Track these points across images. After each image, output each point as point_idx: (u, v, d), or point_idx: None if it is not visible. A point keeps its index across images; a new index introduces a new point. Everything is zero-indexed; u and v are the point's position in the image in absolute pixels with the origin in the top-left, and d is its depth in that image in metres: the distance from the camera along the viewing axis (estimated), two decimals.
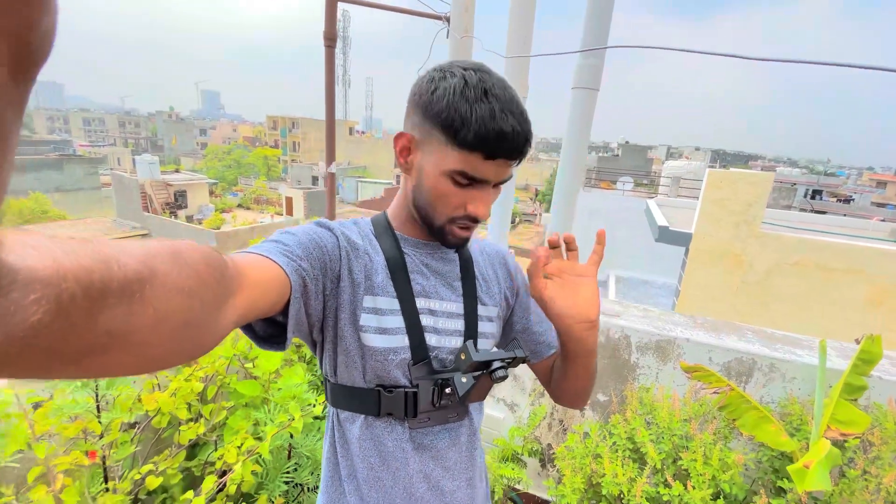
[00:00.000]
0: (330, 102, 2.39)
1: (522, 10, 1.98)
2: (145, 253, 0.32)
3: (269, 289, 0.54)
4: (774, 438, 1.47)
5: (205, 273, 0.37)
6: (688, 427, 1.66)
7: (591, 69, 1.87)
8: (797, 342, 1.90)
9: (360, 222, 0.79)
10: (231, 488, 1.18)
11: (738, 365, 1.83)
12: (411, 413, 0.73)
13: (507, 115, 0.63)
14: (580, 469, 1.75)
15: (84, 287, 0.26)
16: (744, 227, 6.44)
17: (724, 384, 1.54)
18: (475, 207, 0.69)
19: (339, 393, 0.74)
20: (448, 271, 0.79)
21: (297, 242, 0.64)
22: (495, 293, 0.84)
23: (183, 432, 1.35)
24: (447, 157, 0.66)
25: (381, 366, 0.71)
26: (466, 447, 0.81)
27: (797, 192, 27.91)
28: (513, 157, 0.67)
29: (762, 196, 6.35)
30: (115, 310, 0.29)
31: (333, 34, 2.29)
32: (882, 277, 5.92)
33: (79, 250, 0.27)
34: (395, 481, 0.74)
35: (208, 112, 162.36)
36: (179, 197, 25.21)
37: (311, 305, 0.65)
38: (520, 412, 2.34)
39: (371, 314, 0.70)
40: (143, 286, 0.30)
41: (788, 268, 6.35)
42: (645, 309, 2.20)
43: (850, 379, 1.52)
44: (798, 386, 1.76)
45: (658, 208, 8.99)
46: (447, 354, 0.75)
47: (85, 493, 1.12)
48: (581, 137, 1.98)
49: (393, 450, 0.73)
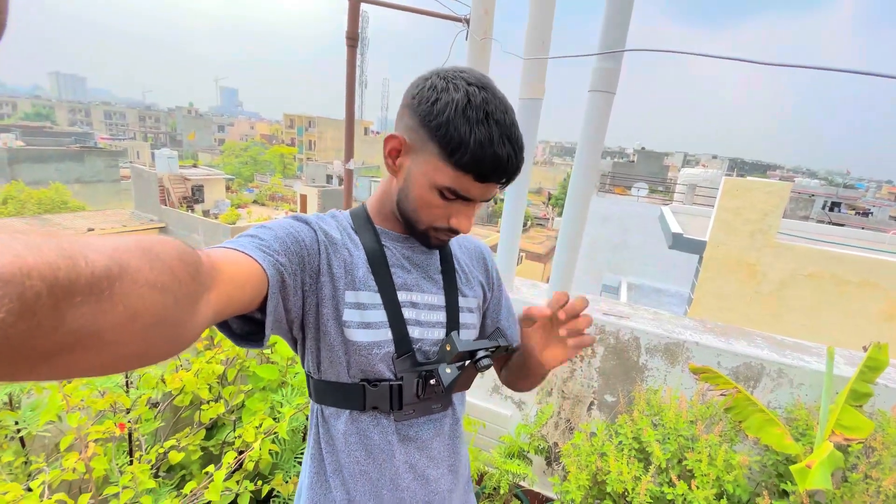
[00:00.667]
0: (350, 101, 2.46)
1: (542, 13, 2.02)
2: (114, 248, 0.31)
3: (245, 285, 0.53)
4: (779, 441, 1.49)
5: (178, 269, 0.36)
6: (694, 428, 1.68)
7: (608, 73, 1.90)
8: (806, 349, 1.91)
9: (339, 216, 0.79)
10: (249, 465, 1.24)
11: (747, 370, 1.84)
12: (396, 406, 0.74)
13: (504, 143, 0.64)
14: (585, 466, 1.78)
15: (49, 284, 0.25)
16: (759, 237, 6.38)
17: (732, 386, 1.56)
18: (458, 222, 0.70)
19: (323, 389, 0.74)
20: (429, 264, 0.80)
21: (274, 237, 0.63)
22: (474, 285, 0.86)
23: (204, 411, 1.41)
24: (439, 172, 0.67)
25: (365, 360, 0.71)
26: (449, 436, 0.83)
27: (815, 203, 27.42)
28: (503, 181, 0.68)
29: (778, 206, 6.28)
30: (83, 308, 0.28)
31: (356, 34, 2.35)
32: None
33: (43, 246, 0.26)
34: (381, 473, 0.75)
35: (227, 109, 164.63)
36: (196, 191, 25.60)
37: (289, 301, 0.64)
38: (527, 410, 2.37)
39: (353, 309, 0.70)
40: (113, 283, 0.29)
41: (803, 279, 6.27)
42: (655, 312, 2.22)
43: (856, 385, 1.53)
44: (805, 392, 1.76)
45: (672, 215, 8.93)
46: (430, 346, 0.76)
47: (113, 463, 1.18)
48: (596, 141, 2.01)
49: (379, 442, 0.74)
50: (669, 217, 8.59)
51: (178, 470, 1.54)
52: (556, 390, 2.27)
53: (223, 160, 43.27)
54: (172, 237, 0.40)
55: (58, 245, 0.27)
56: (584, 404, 2.24)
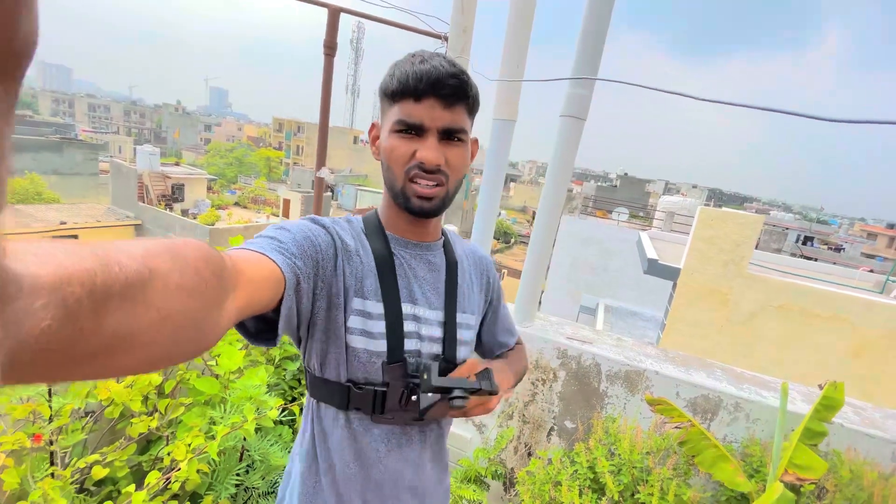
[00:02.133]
0: (324, 109, 2.42)
1: (517, 35, 2.03)
2: (145, 253, 0.32)
3: (265, 286, 0.54)
4: (731, 478, 1.47)
5: (204, 271, 0.37)
6: (648, 460, 1.65)
7: (580, 99, 1.91)
8: (765, 383, 1.91)
9: (353, 220, 0.81)
10: (175, 486, 1.16)
11: (705, 402, 1.83)
12: (378, 409, 0.75)
13: (429, 60, 0.67)
14: (539, 496, 1.73)
15: (89, 290, 0.26)
16: (731, 267, 6.50)
17: (686, 420, 1.54)
18: (421, 154, 0.70)
19: (316, 384, 0.76)
20: (434, 276, 0.81)
21: (292, 239, 0.64)
22: (476, 301, 0.87)
23: (134, 425, 1.33)
24: (388, 116, 0.72)
25: (362, 366, 0.73)
26: (433, 446, 0.85)
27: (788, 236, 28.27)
28: (443, 97, 0.68)
29: (751, 237, 6.42)
30: (119, 311, 0.29)
31: (333, 43, 2.33)
32: (865, 327, 5.97)
33: (80, 253, 0.27)
34: (367, 478, 0.77)
35: (215, 109, 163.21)
36: (177, 190, 25.13)
37: (302, 303, 0.65)
38: (487, 433, 2.32)
39: (359, 316, 0.72)
40: (145, 287, 0.31)
41: (773, 310, 6.39)
42: (618, 338, 2.20)
43: (811, 424, 1.53)
44: (762, 427, 1.76)
45: (650, 241, 9.06)
46: (428, 360, 0.77)
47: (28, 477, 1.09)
48: (566, 164, 2.01)
49: (366, 449, 0.76)
50: (646, 242, 8.72)
51: (108, 484, 1.44)
52: (517, 414, 2.22)
53: (208, 160, 42.70)
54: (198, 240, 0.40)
55: (92, 252, 0.28)
56: (545, 429, 2.20)
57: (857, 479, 1.45)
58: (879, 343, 5.94)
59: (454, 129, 0.71)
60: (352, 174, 40.92)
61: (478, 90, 0.75)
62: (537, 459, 1.93)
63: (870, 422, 1.69)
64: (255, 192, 32.05)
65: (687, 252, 6.71)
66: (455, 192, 0.76)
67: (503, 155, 2.17)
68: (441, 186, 0.73)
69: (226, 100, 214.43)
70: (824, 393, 1.57)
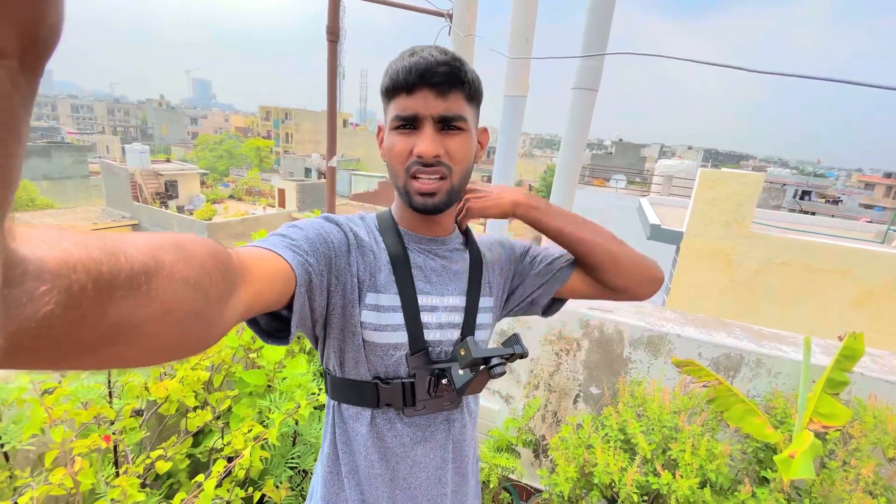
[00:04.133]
0: (332, 97, 2.41)
1: (524, 10, 2.02)
2: (151, 245, 0.32)
3: (274, 283, 0.54)
4: (759, 430, 1.54)
5: (210, 266, 0.38)
6: (677, 419, 1.72)
7: (591, 70, 1.91)
8: (784, 339, 1.98)
9: (367, 217, 0.81)
10: (239, 473, 1.22)
11: (727, 360, 1.90)
12: (409, 402, 0.75)
13: (419, 52, 0.67)
14: (573, 459, 1.81)
15: (94, 278, 0.27)
16: (734, 227, 6.53)
17: (713, 378, 1.61)
18: (418, 148, 0.69)
19: (339, 386, 0.76)
20: (451, 267, 0.80)
21: (304, 237, 0.64)
22: (494, 285, 0.86)
23: (191, 419, 1.39)
24: (388, 116, 0.72)
25: (381, 360, 0.73)
26: (460, 435, 0.83)
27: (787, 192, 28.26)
28: (435, 85, 0.66)
29: (752, 196, 6.44)
30: (124, 302, 0.29)
31: (336, 28, 2.31)
32: (867, 278, 6.05)
33: (87, 242, 0.27)
34: (394, 475, 0.76)
35: (200, 101, 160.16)
36: (170, 187, 24.93)
37: (315, 301, 0.65)
38: (514, 404, 2.40)
39: (372, 311, 0.71)
40: (150, 278, 0.31)
41: (776, 267, 6.46)
42: (638, 305, 2.26)
43: (833, 374, 1.60)
44: (783, 381, 1.83)
45: (650, 206, 9.08)
46: (448, 347, 0.77)
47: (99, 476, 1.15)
48: (580, 137, 2.02)
49: (393, 446, 0.75)
50: (647, 208, 8.73)
51: (165, 479, 1.51)
52: (543, 384, 2.30)
53: (197, 154, 42.19)
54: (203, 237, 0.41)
55: (99, 241, 0.28)
56: (570, 397, 2.28)
57: (881, 423, 1.52)
58: (882, 293, 6.04)
59: (450, 116, 0.69)
60: (344, 159, 40.49)
61: (477, 76, 0.72)
62: (567, 426, 2.00)
63: (889, 368, 1.76)
64: (248, 184, 31.79)
65: (689, 215, 6.73)
66: (461, 183, 0.74)
67: (516, 131, 2.18)
68: (444, 180, 0.71)
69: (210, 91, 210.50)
70: (845, 343, 1.63)
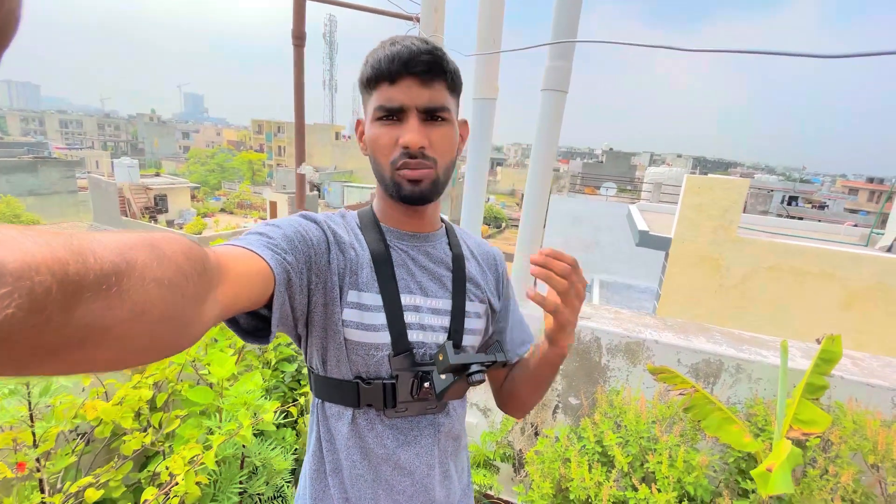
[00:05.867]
0: (298, 102, 2.35)
1: (491, 10, 1.97)
2: (122, 245, 0.31)
3: (252, 282, 0.53)
4: (738, 439, 1.46)
5: (185, 265, 0.36)
6: (655, 429, 1.64)
7: (560, 71, 1.86)
8: (763, 343, 1.91)
9: (347, 215, 0.79)
10: (174, 501, 1.12)
11: (706, 366, 1.83)
12: (390, 404, 0.73)
13: (400, 42, 0.67)
14: (548, 474, 1.73)
15: (59, 279, 0.25)
16: (721, 232, 6.54)
17: (689, 386, 1.53)
18: (404, 138, 0.68)
19: (322, 384, 0.75)
20: (436, 266, 0.79)
21: (282, 235, 0.63)
22: (484, 291, 0.84)
23: (127, 442, 1.28)
24: (369, 106, 0.71)
25: (362, 360, 0.71)
26: (447, 440, 0.81)
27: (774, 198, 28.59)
28: (419, 74, 0.66)
29: (738, 202, 6.46)
30: (92, 303, 0.28)
31: (302, 32, 2.25)
32: (853, 280, 6.06)
33: (52, 242, 0.26)
34: (377, 476, 0.74)
35: (191, 115, 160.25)
36: (160, 201, 24.74)
37: (295, 299, 0.64)
38: (492, 416, 2.31)
39: (354, 309, 0.70)
40: (121, 279, 0.29)
41: (764, 272, 6.45)
42: (616, 311, 2.19)
43: (812, 379, 1.53)
44: (764, 386, 1.76)
45: (639, 213, 9.09)
46: (432, 350, 0.75)
47: None
48: (550, 139, 1.97)
49: (373, 446, 0.74)
50: (636, 215, 8.75)
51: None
52: None
53: (188, 168, 42.05)
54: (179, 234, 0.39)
55: (66, 241, 0.27)
56: (550, 408, 2.19)
57: (860, 428, 1.45)
58: (868, 294, 6.04)
59: (434, 107, 0.69)
60: (336, 171, 40.47)
61: (457, 67, 0.72)
62: (544, 438, 1.92)
63: (868, 371, 1.70)
64: (240, 197, 31.64)
65: (676, 221, 6.74)
66: (446, 176, 0.74)
67: (486, 136, 2.12)
68: (429, 170, 0.70)
69: (202, 105, 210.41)
70: (822, 346, 1.57)
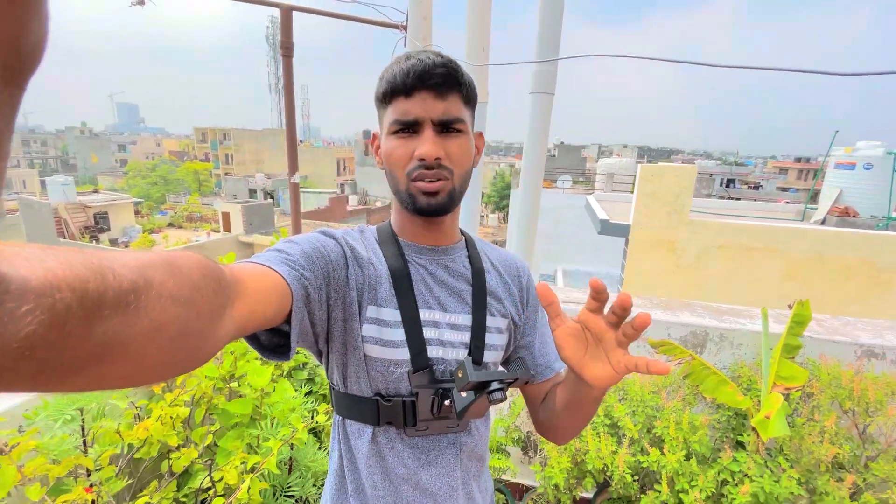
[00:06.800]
0: (289, 112, 2.37)
1: (479, 19, 2.08)
2: (140, 262, 0.32)
3: (269, 298, 0.53)
4: (732, 398, 1.65)
5: (201, 283, 0.37)
6: (658, 398, 1.82)
7: (547, 75, 2.00)
8: (740, 313, 2.14)
9: (366, 230, 0.80)
10: None
11: (693, 337, 2.03)
12: (410, 422, 0.72)
13: (415, 56, 0.68)
14: (565, 449, 1.86)
15: (79, 297, 0.26)
16: (675, 216, 7.00)
17: (687, 354, 1.71)
18: (420, 151, 0.68)
19: (342, 401, 0.75)
20: (455, 281, 0.78)
21: (300, 251, 0.63)
22: (506, 305, 0.82)
23: (174, 459, 1.30)
24: (385, 120, 0.71)
25: (381, 376, 0.71)
26: (470, 460, 0.79)
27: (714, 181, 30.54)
28: (433, 87, 0.67)
29: (688, 187, 6.93)
30: (111, 320, 0.28)
31: (290, 43, 2.27)
32: (794, 252, 6.67)
33: (72, 260, 0.27)
34: (398, 498, 0.73)
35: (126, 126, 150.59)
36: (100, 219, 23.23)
37: (314, 315, 0.64)
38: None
39: (373, 325, 0.70)
40: (139, 296, 0.30)
41: (716, 250, 6.97)
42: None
43: (788, 340, 1.74)
44: (745, 351, 1.98)
45: (598, 203, 9.52)
46: (452, 366, 0.74)
47: None
48: (541, 138, 2.10)
49: (394, 466, 0.73)
50: (595, 205, 9.15)
51: None
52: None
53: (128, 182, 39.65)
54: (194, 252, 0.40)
55: (86, 259, 0.28)
56: None
57: (835, 379, 1.68)
58: (807, 264, 6.67)
59: (450, 119, 0.69)
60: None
61: (472, 79, 0.73)
62: None
63: (832, 330, 1.95)
64: (189, 210, 30.20)
65: (633, 208, 7.14)
66: (462, 187, 0.74)
67: None
68: (445, 181, 0.70)
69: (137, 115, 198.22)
70: (795, 311, 1.79)
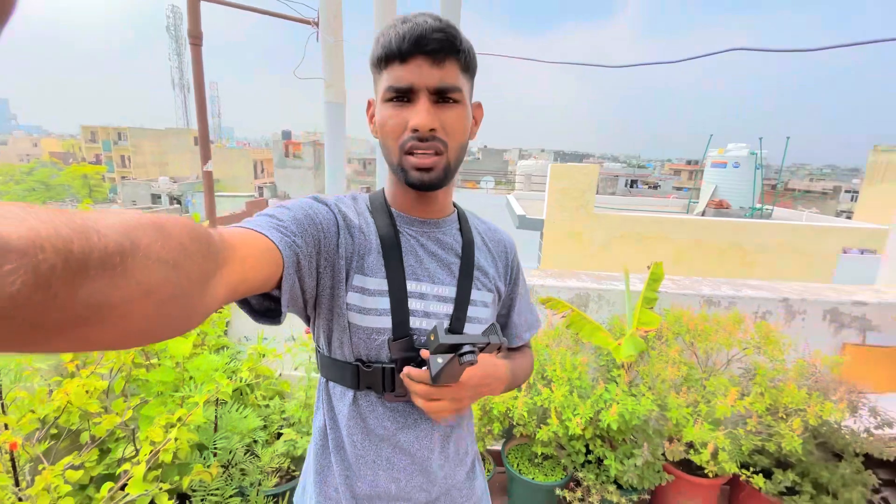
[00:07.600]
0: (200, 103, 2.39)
1: (385, 15, 2.28)
2: (126, 224, 0.31)
3: (260, 264, 0.53)
4: (604, 341, 2.01)
5: (189, 246, 0.36)
6: (548, 350, 2.14)
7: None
8: (615, 278, 2.55)
9: (358, 198, 0.79)
10: (166, 457, 1.24)
11: (578, 299, 2.39)
12: (389, 387, 0.73)
13: (412, 19, 0.64)
14: None
15: (63, 257, 0.25)
16: (582, 210, 7.75)
17: (568, 308, 2.05)
18: (414, 121, 0.66)
19: (326, 364, 0.77)
20: (445, 253, 0.78)
21: (292, 217, 0.63)
22: (493, 280, 0.83)
23: (95, 426, 1.34)
24: (379, 87, 0.69)
25: (363, 343, 0.72)
26: (448, 426, 0.81)
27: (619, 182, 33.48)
28: (430, 53, 0.64)
29: (592, 184, 7.72)
30: (97, 282, 0.28)
31: (198, 32, 2.30)
32: (680, 239, 7.69)
33: (55, 219, 0.26)
34: (377, 455, 0.76)
35: None
36: None
37: (304, 281, 0.64)
38: None
39: (357, 293, 0.70)
40: (125, 258, 0.29)
41: (617, 240, 7.82)
42: None
43: (647, 294, 2.15)
44: (619, 308, 2.37)
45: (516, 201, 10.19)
46: None
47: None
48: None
49: (374, 427, 0.75)
50: (514, 203, 9.79)
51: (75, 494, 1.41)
52: None
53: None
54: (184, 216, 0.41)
55: (69, 219, 0.27)
56: None
57: (678, 320, 2.11)
58: (690, 249, 7.72)
59: (446, 87, 0.66)
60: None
61: (471, 46, 0.69)
62: None
63: (683, 286, 2.41)
64: None
65: (546, 204, 7.78)
66: (458, 160, 0.72)
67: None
68: (440, 155, 0.68)
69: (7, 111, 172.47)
70: (651, 271, 2.21)
